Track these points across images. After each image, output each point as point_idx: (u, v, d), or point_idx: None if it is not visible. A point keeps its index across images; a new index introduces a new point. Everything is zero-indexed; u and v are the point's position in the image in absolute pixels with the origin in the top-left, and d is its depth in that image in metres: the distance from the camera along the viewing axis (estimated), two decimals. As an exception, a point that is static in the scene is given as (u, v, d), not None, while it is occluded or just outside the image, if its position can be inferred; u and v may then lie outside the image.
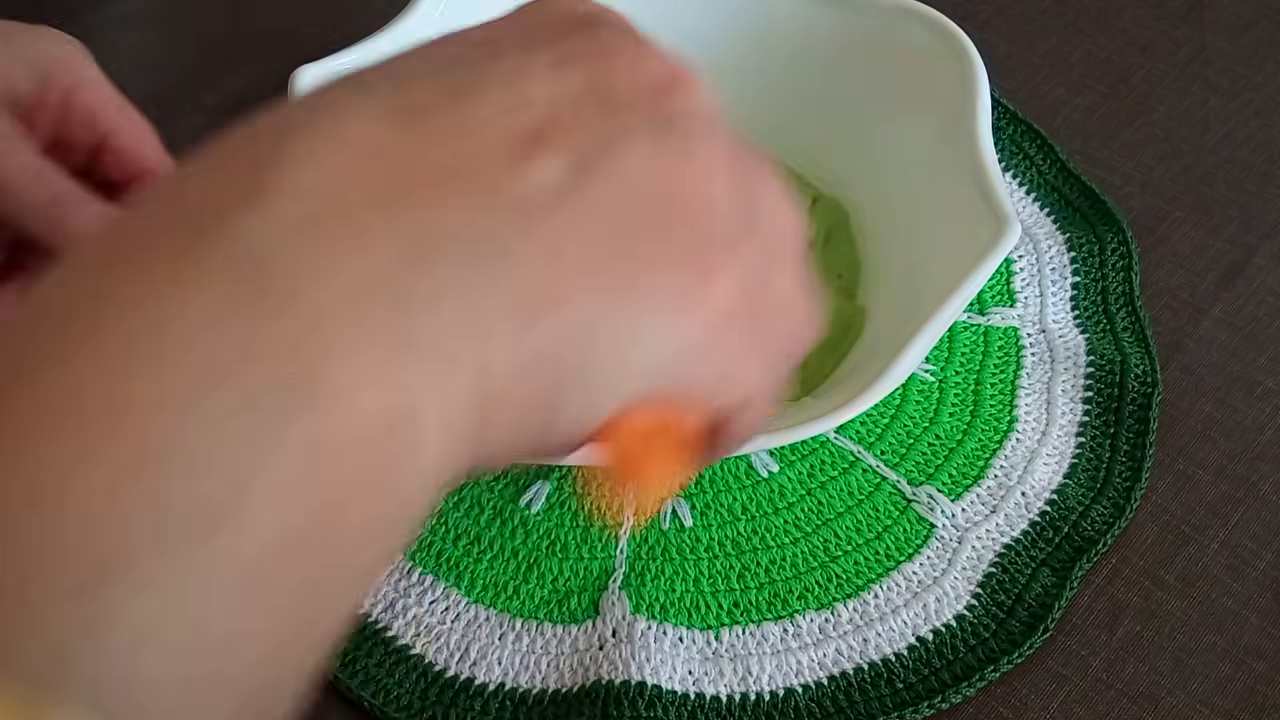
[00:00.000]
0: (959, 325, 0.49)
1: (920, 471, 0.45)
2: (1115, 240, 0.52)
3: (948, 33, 0.46)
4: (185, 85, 0.61)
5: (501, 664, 0.41)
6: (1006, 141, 0.56)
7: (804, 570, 0.43)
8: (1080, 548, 0.43)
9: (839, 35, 0.50)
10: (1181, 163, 0.56)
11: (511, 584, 0.42)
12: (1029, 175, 0.55)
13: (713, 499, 0.44)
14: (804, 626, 0.41)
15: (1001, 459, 0.45)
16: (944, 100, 0.46)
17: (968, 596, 0.42)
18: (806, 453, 0.46)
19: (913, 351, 0.38)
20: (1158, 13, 0.64)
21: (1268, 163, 0.56)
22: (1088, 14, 0.64)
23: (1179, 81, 0.60)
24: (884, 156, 0.49)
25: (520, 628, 0.41)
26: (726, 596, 0.42)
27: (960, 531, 0.43)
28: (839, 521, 0.44)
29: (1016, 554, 0.43)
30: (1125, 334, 0.49)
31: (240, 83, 0.61)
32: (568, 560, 0.43)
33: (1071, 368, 0.48)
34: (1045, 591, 0.41)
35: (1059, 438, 0.46)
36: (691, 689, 0.40)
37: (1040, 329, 0.49)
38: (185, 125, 0.59)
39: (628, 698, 0.39)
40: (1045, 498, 0.44)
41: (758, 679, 0.40)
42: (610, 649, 0.40)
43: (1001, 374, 0.48)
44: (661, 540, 0.43)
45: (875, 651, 0.41)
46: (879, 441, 0.46)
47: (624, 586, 0.42)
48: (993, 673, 0.40)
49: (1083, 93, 0.59)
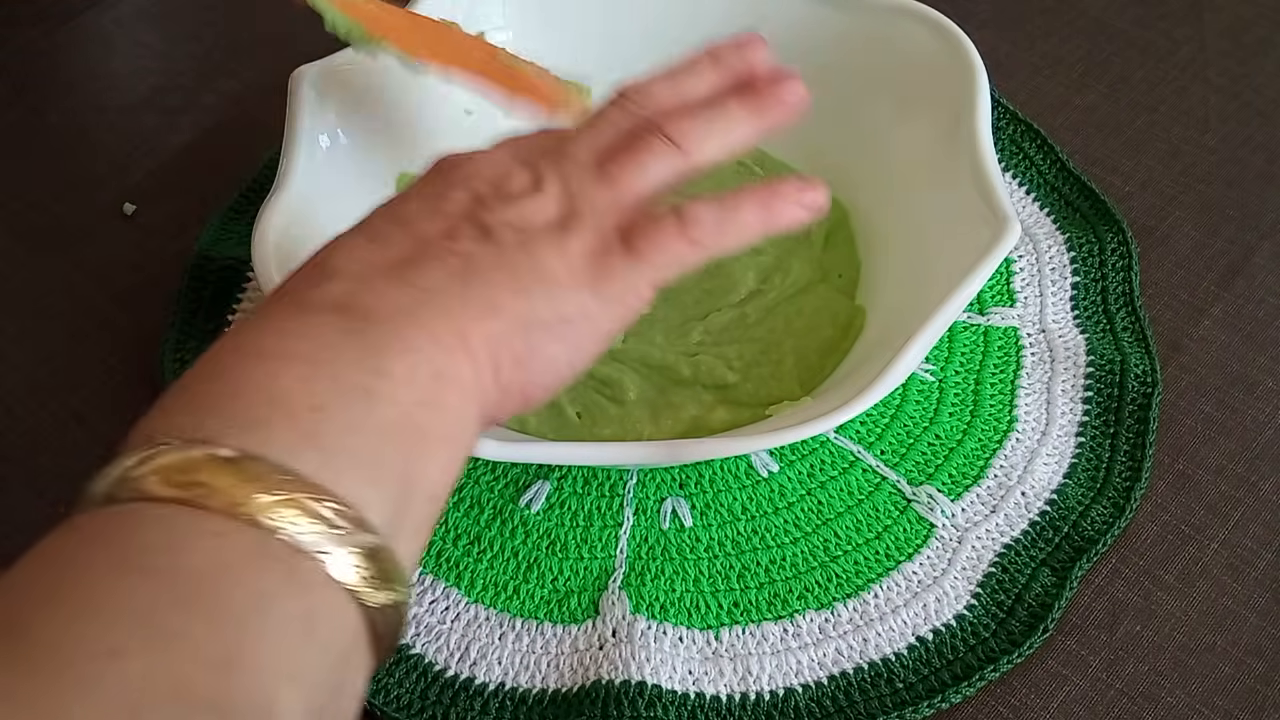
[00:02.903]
0: (959, 325, 0.49)
1: (920, 471, 0.45)
2: (1115, 240, 0.52)
3: (948, 33, 0.46)
4: (185, 85, 0.61)
5: (501, 664, 0.41)
6: (1006, 141, 0.56)
7: (804, 570, 0.43)
8: (1080, 548, 0.43)
9: (839, 35, 0.50)
10: (1181, 163, 0.56)
11: (511, 584, 0.42)
12: (1029, 175, 0.55)
13: (713, 499, 0.44)
14: (804, 626, 0.41)
15: (1001, 459, 0.45)
16: (944, 100, 0.46)
17: (968, 596, 0.42)
18: (806, 453, 0.46)
19: (913, 351, 0.38)
20: (1158, 13, 0.64)
21: (1268, 163, 0.56)
22: (1088, 14, 0.64)
23: (1179, 81, 0.60)
24: (884, 156, 0.49)
25: (520, 628, 0.41)
26: (726, 596, 0.42)
27: (960, 531, 0.43)
28: (839, 521, 0.44)
29: (1016, 554, 0.43)
30: (1125, 334, 0.49)
31: (240, 83, 0.61)
32: (568, 560, 0.43)
33: (1071, 368, 0.48)
34: (1045, 591, 0.41)
35: (1059, 438, 0.46)
36: (691, 689, 0.40)
37: (1040, 329, 0.49)
38: (185, 125, 0.59)
39: (628, 697, 0.39)
40: (1045, 497, 0.44)
41: (758, 679, 0.40)
42: (610, 649, 0.40)
43: (1001, 374, 0.48)
44: (661, 540, 0.43)
45: (875, 651, 0.41)
46: (879, 441, 0.46)
47: (624, 586, 0.42)
48: (993, 673, 0.40)
49: (1083, 93, 0.59)
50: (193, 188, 0.56)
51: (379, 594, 0.24)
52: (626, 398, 0.45)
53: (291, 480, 0.23)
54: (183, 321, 0.50)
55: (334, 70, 0.46)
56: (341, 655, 0.24)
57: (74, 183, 0.57)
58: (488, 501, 0.44)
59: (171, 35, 0.65)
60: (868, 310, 0.47)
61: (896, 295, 0.46)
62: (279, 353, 0.26)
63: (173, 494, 0.23)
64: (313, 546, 0.23)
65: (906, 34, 0.48)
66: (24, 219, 0.55)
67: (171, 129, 0.59)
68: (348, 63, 0.47)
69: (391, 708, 0.39)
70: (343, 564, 0.23)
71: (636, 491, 0.45)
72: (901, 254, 0.47)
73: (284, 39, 0.63)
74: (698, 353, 0.46)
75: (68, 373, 0.49)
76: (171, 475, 0.23)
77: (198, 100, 0.60)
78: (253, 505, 0.23)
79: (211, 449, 0.23)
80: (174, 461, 0.23)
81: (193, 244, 0.53)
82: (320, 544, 0.23)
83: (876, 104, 0.49)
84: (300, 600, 0.23)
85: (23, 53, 0.63)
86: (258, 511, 0.23)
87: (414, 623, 0.41)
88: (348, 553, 0.23)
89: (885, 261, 0.48)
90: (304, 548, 0.23)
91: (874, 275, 0.49)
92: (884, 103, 0.49)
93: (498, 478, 0.45)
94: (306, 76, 0.45)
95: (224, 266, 0.51)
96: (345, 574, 0.23)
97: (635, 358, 0.46)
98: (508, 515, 0.44)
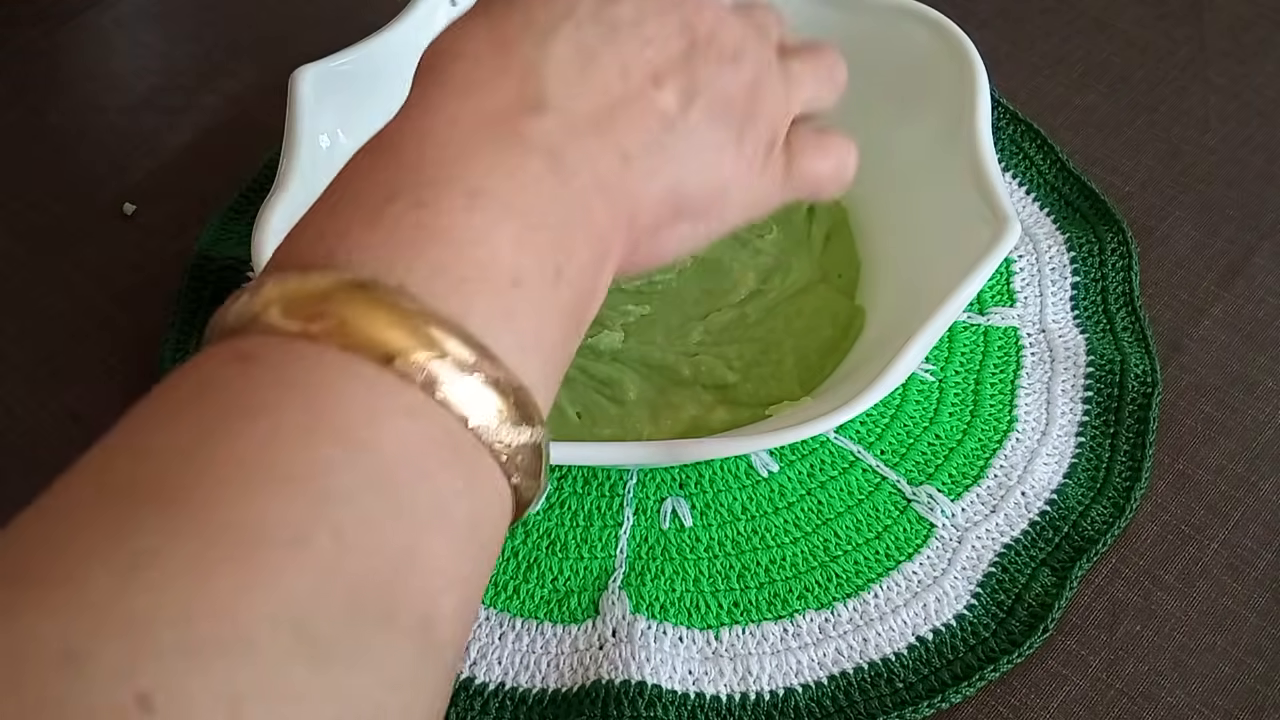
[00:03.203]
0: (959, 325, 0.49)
1: (920, 471, 0.45)
2: (1115, 240, 0.52)
3: (948, 33, 0.46)
4: (185, 85, 0.61)
5: (501, 664, 0.41)
6: (1006, 141, 0.56)
7: (804, 570, 0.43)
8: (1080, 547, 0.43)
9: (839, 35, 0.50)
10: (1181, 163, 0.56)
11: (511, 584, 0.42)
12: (1029, 175, 0.55)
13: (713, 499, 0.44)
14: (804, 626, 0.41)
15: (1001, 459, 0.45)
16: (944, 100, 0.46)
17: (967, 596, 0.42)
18: (806, 453, 0.46)
19: (913, 351, 0.38)
20: (1158, 13, 0.64)
21: (1268, 163, 0.56)
22: (1088, 14, 0.64)
23: (1179, 81, 0.60)
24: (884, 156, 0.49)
25: (520, 627, 0.41)
26: (726, 596, 0.42)
27: (960, 531, 0.43)
28: (839, 521, 0.44)
29: (1016, 554, 0.43)
30: (1125, 334, 0.49)
31: (240, 83, 0.61)
32: (568, 560, 0.43)
33: (1071, 367, 0.48)
34: (1045, 591, 0.41)
35: (1059, 437, 0.46)
36: (691, 688, 0.40)
37: (1040, 329, 0.49)
38: (185, 125, 0.59)
39: (628, 697, 0.39)
40: (1045, 497, 0.44)
41: (758, 679, 0.40)
42: (610, 649, 0.40)
43: (1001, 374, 0.48)
44: (661, 540, 0.43)
45: (875, 651, 0.41)
46: (879, 441, 0.46)
47: (624, 586, 0.42)
48: (993, 672, 0.40)
49: (1083, 93, 0.59)
50: (193, 188, 0.56)
51: (534, 482, 0.23)
52: (626, 398, 0.45)
53: (490, 362, 0.22)
54: (183, 321, 0.50)
55: (334, 70, 0.46)
56: (495, 554, 0.23)
57: (74, 183, 0.57)
58: (488, 501, 0.44)
59: (171, 35, 0.65)
60: (868, 310, 0.47)
61: (896, 295, 0.46)
62: (490, 194, 0.23)
63: (359, 343, 0.21)
64: (493, 438, 0.22)
65: (906, 34, 0.48)
66: (24, 219, 0.55)
67: (171, 129, 0.59)
68: (348, 63, 0.47)
69: (391, 708, 0.39)
70: (514, 457, 0.22)
71: (636, 491, 0.45)
72: (901, 254, 0.47)
73: (284, 39, 0.63)
74: (698, 353, 0.46)
75: (68, 373, 0.49)
76: (361, 319, 0.21)
77: (198, 100, 0.60)
78: (445, 387, 0.21)
79: (417, 304, 0.21)
80: (375, 307, 0.21)
81: (193, 244, 0.53)
82: (501, 435, 0.22)
83: (876, 104, 0.49)
84: (473, 501, 0.22)
85: (23, 53, 0.63)
86: (449, 393, 0.21)
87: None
88: (521, 445, 0.22)
89: (885, 261, 0.48)
90: (485, 439, 0.22)
91: (874, 275, 0.49)
92: (884, 103, 0.49)
93: (498, 478, 0.45)
94: (306, 76, 0.45)
95: (224, 266, 0.51)
96: (512, 468, 0.22)
97: (635, 358, 0.46)
98: (508, 515, 0.44)
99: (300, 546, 0.18)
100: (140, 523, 0.18)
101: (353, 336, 0.21)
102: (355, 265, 0.22)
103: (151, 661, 0.16)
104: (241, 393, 0.20)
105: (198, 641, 0.17)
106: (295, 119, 0.44)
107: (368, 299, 0.21)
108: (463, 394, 0.21)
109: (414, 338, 0.21)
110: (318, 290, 0.21)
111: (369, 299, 0.21)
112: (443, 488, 0.21)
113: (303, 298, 0.21)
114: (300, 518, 0.19)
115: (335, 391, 0.20)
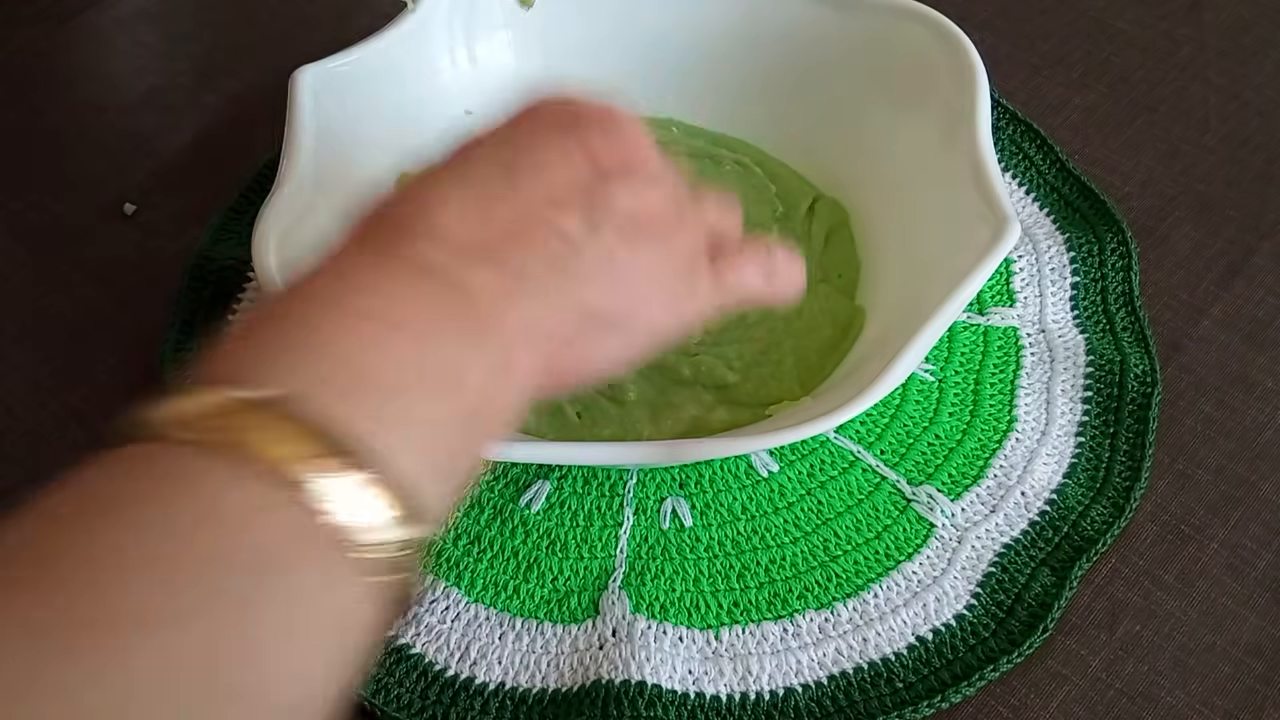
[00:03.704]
0: (959, 325, 0.49)
1: (920, 471, 0.45)
2: (1115, 240, 0.52)
3: (948, 33, 0.46)
4: (185, 85, 0.61)
5: (501, 664, 0.41)
6: (1006, 141, 0.56)
7: (804, 570, 0.43)
8: (1080, 547, 0.43)
9: (839, 35, 0.50)
10: (1181, 163, 0.56)
11: (511, 584, 0.42)
12: (1029, 175, 0.55)
13: (713, 499, 0.44)
14: (804, 626, 0.41)
15: (1001, 459, 0.45)
16: (944, 100, 0.46)
17: (967, 596, 0.42)
18: (806, 453, 0.46)
19: (913, 351, 0.38)
20: (1158, 13, 0.64)
21: (1268, 163, 0.56)
22: (1088, 14, 0.64)
23: (1179, 81, 0.60)
24: (884, 157, 0.49)
25: (520, 627, 0.41)
26: (726, 596, 0.42)
27: (960, 531, 0.43)
28: (839, 521, 0.44)
29: (1016, 554, 0.43)
30: (1125, 334, 0.49)
31: (240, 82, 0.61)
32: (568, 560, 0.43)
33: (1071, 367, 0.48)
34: (1045, 591, 0.41)
35: (1058, 437, 0.46)
36: (691, 688, 0.40)
37: (1040, 329, 0.49)
38: (185, 125, 0.59)
39: (628, 697, 0.39)
40: (1045, 497, 0.44)
41: (757, 678, 0.40)
42: (610, 648, 0.40)
43: (1001, 374, 0.48)
44: (661, 540, 0.43)
45: (875, 651, 0.41)
46: (879, 441, 0.46)
47: (624, 586, 0.42)
48: (992, 672, 0.40)
49: (1083, 93, 0.59)
50: (193, 188, 0.56)
51: (412, 578, 0.24)
52: (626, 398, 0.45)
53: (367, 464, 0.23)
54: (183, 321, 0.50)
55: (334, 70, 0.46)
56: (362, 648, 0.23)
57: (74, 183, 0.57)
58: (488, 501, 0.44)
59: (171, 35, 0.65)
60: (868, 310, 0.47)
61: (896, 295, 0.46)
62: (370, 313, 0.25)
63: (226, 440, 0.22)
64: (367, 537, 0.22)
65: (906, 34, 0.48)
66: (24, 219, 0.55)
67: (171, 129, 0.59)
68: (347, 63, 0.47)
69: (391, 707, 0.39)
70: (386, 557, 0.23)
71: (636, 491, 0.45)
72: (901, 254, 0.47)
73: (284, 39, 0.63)
74: (698, 353, 0.46)
75: (68, 373, 0.49)
76: (230, 422, 0.22)
77: (198, 100, 0.60)
78: (313, 486, 0.22)
79: (291, 407, 0.22)
80: (244, 413, 0.22)
81: (193, 244, 0.53)
82: (377, 534, 0.22)
83: (876, 104, 0.50)
84: (335, 597, 0.22)
85: (23, 53, 0.63)
86: (317, 491, 0.22)
87: (414, 622, 0.41)
88: (394, 544, 0.23)
89: (885, 261, 0.48)
90: (348, 537, 0.22)
91: (874, 275, 0.49)
92: (884, 103, 0.49)
93: (498, 477, 0.45)
94: (306, 76, 0.45)
95: (224, 266, 0.51)
96: (386, 565, 0.23)
97: (635, 358, 0.46)
98: (508, 515, 0.44)
99: (143, 634, 0.19)
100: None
101: (238, 446, 0.22)
102: (248, 381, 0.23)
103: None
104: (116, 492, 0.22)
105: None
106: (295, 119, 0.44)
107: (255, 411, 0.23)
108: (335, 493, 0.22)
109: (293, 444, 0.22)
110: (211, 405, 0.23)
111: (256, 410, 0.23)
112: (302, 582, 0.22)
113: (196, 412, 0.23)
114: (142, 606, 0.20)
115: (208, 492, 0.22)
